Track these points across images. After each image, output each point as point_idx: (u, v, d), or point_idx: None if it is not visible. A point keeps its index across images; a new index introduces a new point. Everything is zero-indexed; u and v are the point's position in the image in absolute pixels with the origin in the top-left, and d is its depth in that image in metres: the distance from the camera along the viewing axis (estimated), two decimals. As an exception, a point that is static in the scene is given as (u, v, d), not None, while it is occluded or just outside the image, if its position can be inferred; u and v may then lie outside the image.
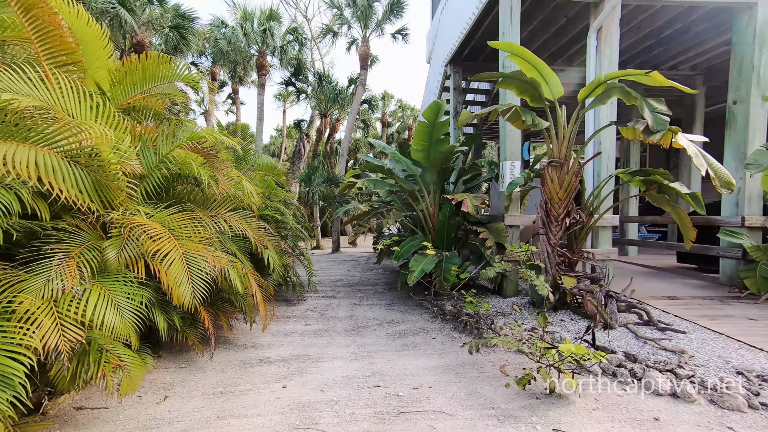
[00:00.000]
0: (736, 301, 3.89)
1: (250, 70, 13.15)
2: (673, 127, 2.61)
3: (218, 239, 2.84)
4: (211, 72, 13.57)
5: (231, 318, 3.17)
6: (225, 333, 3.09)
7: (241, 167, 4.25)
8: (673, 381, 2.28)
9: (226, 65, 12.16)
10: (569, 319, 3.29)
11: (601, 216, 3.55)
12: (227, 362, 2.74)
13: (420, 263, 3.87)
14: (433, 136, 4.33)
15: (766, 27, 4.21)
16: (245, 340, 3.20)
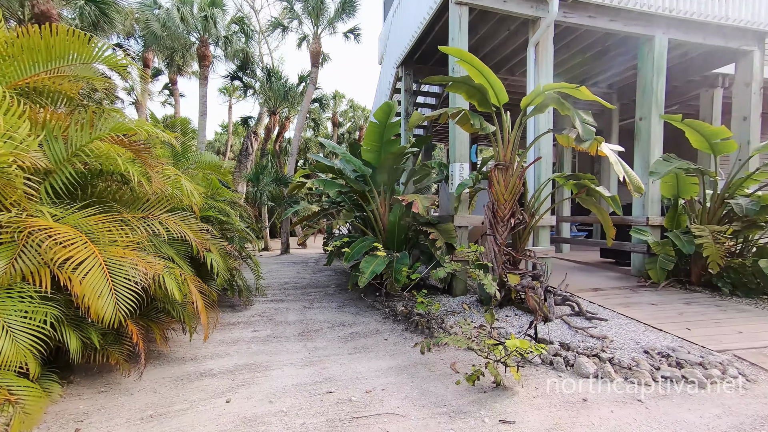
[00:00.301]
0: (643, 289, 4.45)
1: (190, 59, 12.00)
2: (598, 137, 2.89)
3: (152, 243, 2.55)
4: (143, 58, 12.21)
5: (167, 329, 2.87)
6: (159, 347, 2.77)
7: (180, 165, 3.88)
8: (597, 364, 2.52)
9: (161, 51, 10.96)
10: (513, 314, 3.50)
11: (541, 216, 3.83)
12: (160, 380, 2.46)
13: (371, 264, 3.85)
14: (384, 136, 4.35)
15: (661, 57, 4.90)
16: (184, 352, 2.92)
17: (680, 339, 2.95)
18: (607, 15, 4.72)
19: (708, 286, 4.43)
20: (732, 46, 5.32)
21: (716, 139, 4.03)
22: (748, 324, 3.33)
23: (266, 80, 10.80)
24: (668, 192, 4.71)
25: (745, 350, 2.80)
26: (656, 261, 4.46)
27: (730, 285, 4.21)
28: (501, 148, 3.44)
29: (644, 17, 4.85)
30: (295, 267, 7.74)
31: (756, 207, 3.83)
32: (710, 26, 5.14)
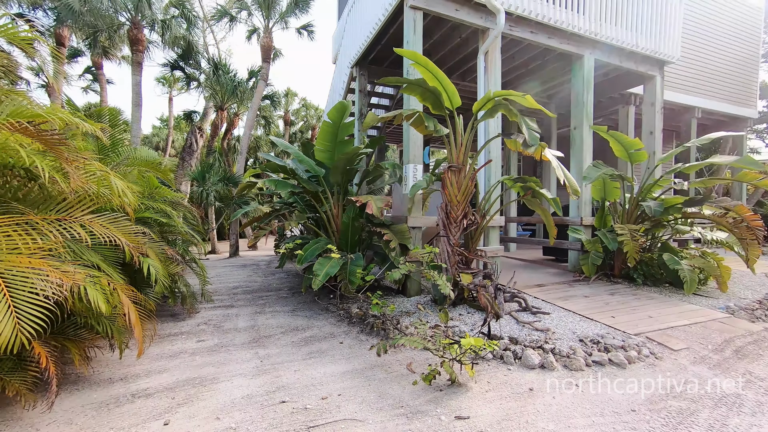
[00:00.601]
0: (578, 283, 4.90)
1: (119, 42, 10.64)
2: (542, 143, 3.12)
3: (70, 250, 2.23)
4: (55, 34, 10.55)
5: (90, 347, 2.52)
6: (78, 369, 2.42)
7: (109, 160, 3.46)
8: (541, 355, 2.71)
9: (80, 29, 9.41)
10: (466, 312, 3.63)
11: (491, 217, 4.03)
12: (78, 408, 2.12)
13: (324, 266, 3.76)
14: (338, 136, 4.28)
15: (589, 74, 5.46)
16: (112, 372, 2.59)
17: (607, 326, 3.28)
18: (545, 32, 5.13)
19: (627, 278, 5.00)
20: (641, 70, 6.08)
21: (632, 149, 4.57)
22: (656, 309, 3.81)
23: (212, 73, 10.05)
24: (597, 195, 5.23)
25: (654, 332, 3.20)
26: (588, 257, 4.93)
27: (643, 276, 4.80)
28: (454, 151, 3.56)
29: (575, 38, 5.36)
30: (246, 270, 7.34)
31: (661, 208, 4.41)
32: (625, 51, 5.83)
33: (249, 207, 4.77)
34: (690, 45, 8.70)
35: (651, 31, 5.94)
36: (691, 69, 8.79)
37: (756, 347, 3.00)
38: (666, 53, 6.14)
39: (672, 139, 10.54)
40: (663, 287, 4.72)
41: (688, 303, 4.10)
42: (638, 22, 5.84)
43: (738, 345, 3.03)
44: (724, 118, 9.72)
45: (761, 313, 3.81)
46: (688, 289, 4.18)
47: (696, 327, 3.39)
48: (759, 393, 2.30)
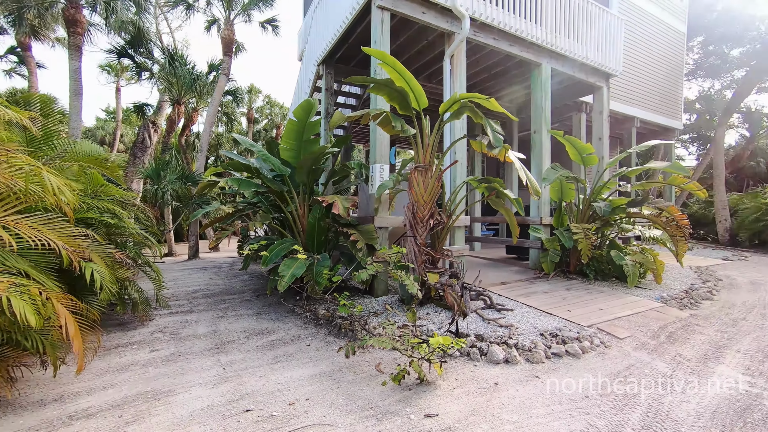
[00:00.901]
0: (538, 280, 5.16)
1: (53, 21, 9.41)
2: (506, 145, 3.24)
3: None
4: None
5: (17, 366, 2.24)
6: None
7: (40, 153, 3.11)
8: (506, 350, 2.82)
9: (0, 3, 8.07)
10: (433, 311, 3.69)
11: (457, 217, 4.13)
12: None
13: (290, 267, 3.67)
14: (304, 135, 4.19)
15: (547, 81, 5.80)
16: (44, 393, 2.31)
17: (564, 320, 3.49)
18: (507, 40, 5.35)
19: (581, 274, 5.35)
20: (590, 80, 6.56)
21: (585, 153, 4.90)
22: (605, 302, 4.12)
23: (168, 64, 9.36)
24: (555, 196, 5.55)
25: (603, 323, 3.45)
26: (547, 255, 5.22)
27: (594, 272, 5.16)
28: (421, 151, 3.60)
29: (534, 47, 5.65)
30: (207, 273, 6.96)
31: (609, 209, 4.77)
32: (577, 63, 6.25)
33: (210, 207, 4.49)
34: (631, 62, 9.52)
35: (598, 45, 6.42)
36: (632, 83, 9.62)
37: (684, 332, 3.34)
38: (611, 67, 6.66)
39: (617, 145, 11.46)
40: (611, 281, 5.10)
41: (631, 295, 4.47)
42: (588, 37, 6.28)
43: (670, 331, 3.35)
44: (657, 128, 10.74)
45: (687, 301, 4.25)
46: (631, 282, 4.55)
47: (637, 317, 3.70)
48: (686, 372, 2.55)
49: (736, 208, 11.22)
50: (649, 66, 10.06)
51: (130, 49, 9.15)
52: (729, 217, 11.24)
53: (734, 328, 3.48)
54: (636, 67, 9.68)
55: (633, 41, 9.49)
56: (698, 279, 5.53)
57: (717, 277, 5.77)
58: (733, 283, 5.46)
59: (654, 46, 10.14)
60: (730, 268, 6.71)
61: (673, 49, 10.78)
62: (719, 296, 4.68)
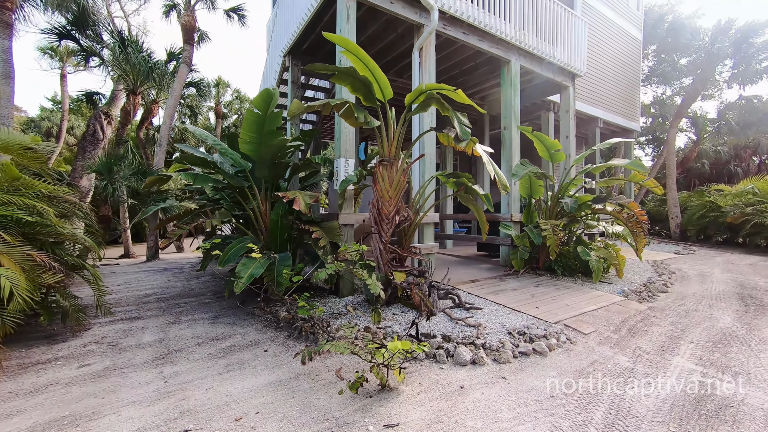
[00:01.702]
0: (508, 277, 5.18)
1: None
2: (473, 138, 3.16)
3: None
4: None
5: None
6: None
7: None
8: (473, 351, 2.73)
9: None
10: (400, 311, 3.56)
11: (425, 214, 4.02)
12: None
13: (248, 268, 3.42)
14: (265, 127, 3.93)
15: (516, 78, 5.84)
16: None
17: (532, 317, 3.47)
18: (476, 35, 5.32)
19: (549, 270, 5.43)
20: (557, 79, 6.70)
21: (553, 150, 4.96)
22: (572, 297, 4.17)
23: (119, 49, 8.60)
24: (525, 192, 5.59)
25: (570, 318, 3.47)
26: (517, 252, 5.25)
27: (562, 267, 5.26)
28: (386, 144, 3.45)
29: (503, 43, 5.67)
30: (165, 275, 6.47)
31: (575, 205, 4.86)
32: (545, 62, 6.36)
33: (165, 204, 4.09)
34: (594, 64, 9.89)
35: (564, 45, 6.56)
36: (595, 85, 10.00)
37: (643, 324, 3.42)
38: (576, 67, 6.84)
39: (582, 145, 11.91)
40: (577, 276, 5.21)
41: (596, 290, 4.57)
42: (554, 37, 6.40)
43: (630, 324, 3.42)
44: (618, 129, 11.26)
45: (646, 294, 4.40)
46: (596, 277, 4.65)
47: (601, 311, 3.76)
48: (646, 365, 2.58)
49: (685, 205, 11.99)
50: (611, 69, 10.51)
51: (73, 30, 8.25)
52: (680, 214, 11.99)
53: (686, 318, 3.61)
54: (599, 70, 10.07)
55: (596, 44, 9.86)
56: (655, 272, 5.78)
57: (671, 270, 6.06)
58: (685, 275, 5.75)
59: (614, 50, 10.60)
60: (681, 262, 7.10)
61: (631, 55, 11.33)
62: (673, 288, 4.89)
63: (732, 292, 4.63)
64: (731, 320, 3.54)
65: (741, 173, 18.42)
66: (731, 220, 9.67)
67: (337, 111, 3.15)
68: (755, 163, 19.89)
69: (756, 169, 19.11)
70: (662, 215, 13.73)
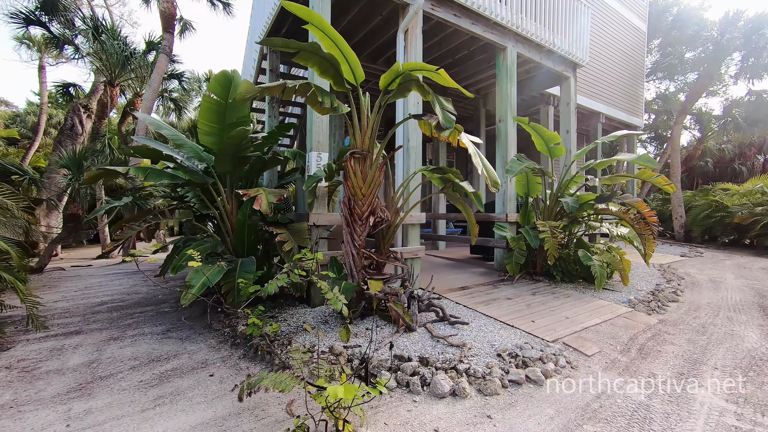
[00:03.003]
0: (503, 283, 4.72)
1: None
2: (458, 126, 2.70)
3: None
4: None
5: None
6: None
7: None
8: (454, 379, 2.28)
9: None
10: (375, 325, 3.10)
11: (407, 213, 3.56)
12: None
13: (201, 275, 2.97)
14: (227, 117, 3.48)
15: (512, 66, 5.36)
16: None
17: (527, 333, 3.01)
18: (469, 17, 4.84)
19: (547, 275, 4.97)
20: (558, 69, 6.22)
21: (552, 143, 4.50)
22: (572, 308, 3.72)
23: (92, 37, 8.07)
24: (521, 190, 5.12)
25: (570, 335, 3.01)
26: (512, 256, 4.78)
27: (561, 273, 4.80)
28: (358, 135, 2.99)
29: (498, 28, 5.19)
30: (132, 279, 6.01)
31: (576, 205, 4.39)
32: (544, 49, 5.87)
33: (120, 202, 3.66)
34: (596, 56, 9.40)
35: (565, 32, 6.08)
36: (598, 78, 9.52)
37: (655, 342, 2.97)
38: (578, 56, 6.35)
39: (583, 141, 11.44)
40: (578, 283, 4.76)
41: (599, 299, 4.11)
42: (554, 23, 5.92)
43: (641, 342, 2.96)
44: (620, 125, 10.78)
45: (655, 304, 3.94)
46: (599, 284, 4.19)
47: (605, 325, 3.30)
48: (664, 401, 2.13)
49: (690, 205, 11.53)
50: (613, 62, 10.03)
51: (43, 15, 7.68)
52: (684, 214, 11.54)
53: (705, 336, 3.16)
54: (601, 62, 9.59)
55: (598, 35, 9.38)
56: (662, 278, 5.32)
57: (679, 275, 5.61)
58: (695, 281, 5.29)
59: (617, 42, 10.12)
60: (689, 265, 6.65)
61: (635, 48, 10.84)
62: (684, 297, 4.44)
63: (751, 302, 4.18)
64: (758, 338, 3.08)
65: (745, 172, 17.93)
66: (739, 220, 9.22)
67: (301, 95, 2.68)
68: (760, 161, 19.39)
69: (761, 167, 18.62)
70: (665, 215, 13.27)
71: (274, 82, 2.55)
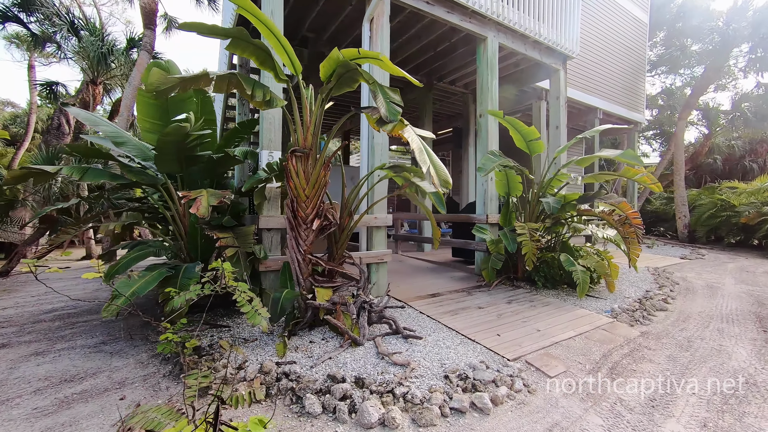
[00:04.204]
0: (478, 290, 4.41)
1: None
2: (402, 119, 2.41)
3: None
4: None
5: None
6: None
7: None
8: (387, 406, 2.00)
9: None
10: (321, 338, 2.83)
11: (362, 216, 3.28)
12: None
13: (135, 283, 2.74)
14: (171, 112, 3.24)
15: (493, 57, 5.03)
16: None
17: (487, 350, 2.72)
18: (443, 6, 4.54)
19: (529, 281, 4.65)
20: (546, 62, 5.87)
21: (530, 139, 4.17)
22: (548, 319, 3.41)
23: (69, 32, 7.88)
24: (501, 190, 4.80)
25: (535, 352, 2.71)
26: (489, 260, 4.48)
27: (543, 278, 4.48)
28: (300, 131, 2.72)
29: (477, 17, 4.87)
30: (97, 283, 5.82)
31: (558, 205, 4.07)
32: (530, 40, 5.53)
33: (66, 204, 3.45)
34: (593, 48, 8.99)
35: (553, 22, 5.73)
36: (594, 71, 9.11)
37: (630, 360, 2.66)
38: (567, 47, 6.00)
39: (580, 138, 11.04)
40: (561, 289, 4.44)
41: (580, 308, 3.80)
42: (542, 12, 5.58)
43: (614, 360, 2.65)
44: (620, 120, 10.36)
45: (640, 314, 3.61)
46: (581, 292, 3.87)
47: (579, 339, 2.99)
48: (629, 437, 1.82)
49: (695, 204, 11.06)
50: (612, 55, 9.61)
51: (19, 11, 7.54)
52: (688, 214, 11.07)
53: (689, 351, 2.83)
54: (598, 55, 9.18)
55: (594, 26, 8.97)
56: (654, 283, 4.97)
57: (673, 280, 5.24)
58: (690, 287, 4.93)
59: (616, 33, 9.69)
60: (687, 269, 6.27)
61: (636, 40, 10.40)
62: (675, 304, 4.09)
63: (747, 312, 3.82)
64: (747, 355, 2.75)
65: (757, 169, 17.27)
66: (746, 220, 8.77)
67: (234, 88, 2.41)
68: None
69: (773, 164, 17.92)
70: (669, 214, 12.77)
71: (199, 72, 2.28)
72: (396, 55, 6.55)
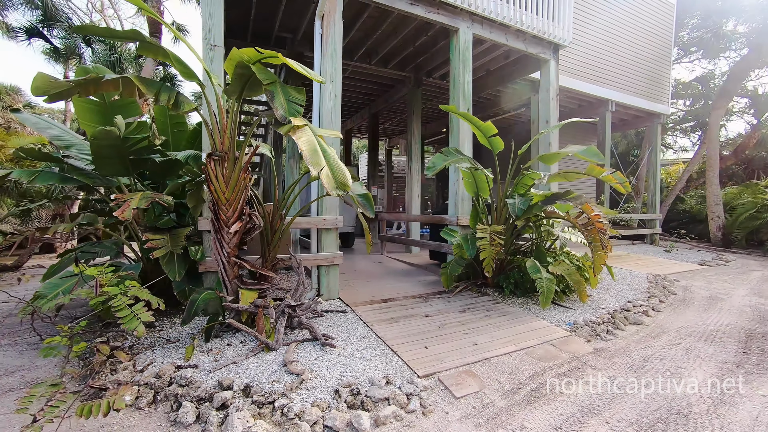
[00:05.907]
0: (438, 297, 4.20)
1: None
2: (300, 119, 2.30)
3: None
4: None
5: None
6: None
7: None
8: (256, 419, 1.91)
9: None
10: (240, 341, 2.80)
11: (293, 219, 3.21)
12: None
13: (63, 283, 2.84)
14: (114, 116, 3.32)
15: (466, 50, 4.75)
16: None
17: (403, 364, 2.55)
18: (405, -3, 4.34)
19: (498, 287, 4.37)
20: (532, 52, 5.47)
21: (489, 135, 3.89)
22: (494, 332, 3.16)
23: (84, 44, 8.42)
24: (471, 190, 4.54)
25: (455, 369, 2.50)
26: (449, 266, 4.25)
27: (512, 285, 4.18)
28: (216, 134, 2.69)
29: (447, 7, 4.61)
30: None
31: (524, 206, 3.77)
32: (511, 29, 5.17)
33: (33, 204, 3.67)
34: (604, 35, 8.32)
35: (537, 9, 5.32)
36: (606, 60, 8.42)
37: (562, 381, 2.38)
38: (558, 36, 5.56)
39: (588, 134, 10.28)
40: (530, 297, 4.13)
41: (541, 319, 3.50)
42: (525, -1, 5.19)
43: (542, 381, 2.39)
44: (639, 113, 9.53)
45: (604, 328, 3.26)
46: (545, 302, 3.56)
47: (516, 356, 2.74)
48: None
49: (734, 203, 9.93)
50: (629, 40, 8.84)
51: (42, 27, 8.16)
52: (722, 214, 9.99)
53: (636, 374, 2.50)
54: (611, 41, 8.47)
55: (606, 8, 8.28)
56: (645, 292, 4.50)
57: (671, 289, 4.71)
58: (687, 297, 4.41)
59: (634, 16, 8.89)
60: (699, 277, 5.62)
61: (659, 21, 9.48)
62: (656, 318, 3.67)
63: (738, 329, 3.34)
64: (702, 380, 2.38)
65: (814, 164, 15.25)
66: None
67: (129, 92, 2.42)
68: (836, 150, 16.41)
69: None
70: (704, 214, 11.59)
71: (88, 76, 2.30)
72: (376, 51, 6.41)
